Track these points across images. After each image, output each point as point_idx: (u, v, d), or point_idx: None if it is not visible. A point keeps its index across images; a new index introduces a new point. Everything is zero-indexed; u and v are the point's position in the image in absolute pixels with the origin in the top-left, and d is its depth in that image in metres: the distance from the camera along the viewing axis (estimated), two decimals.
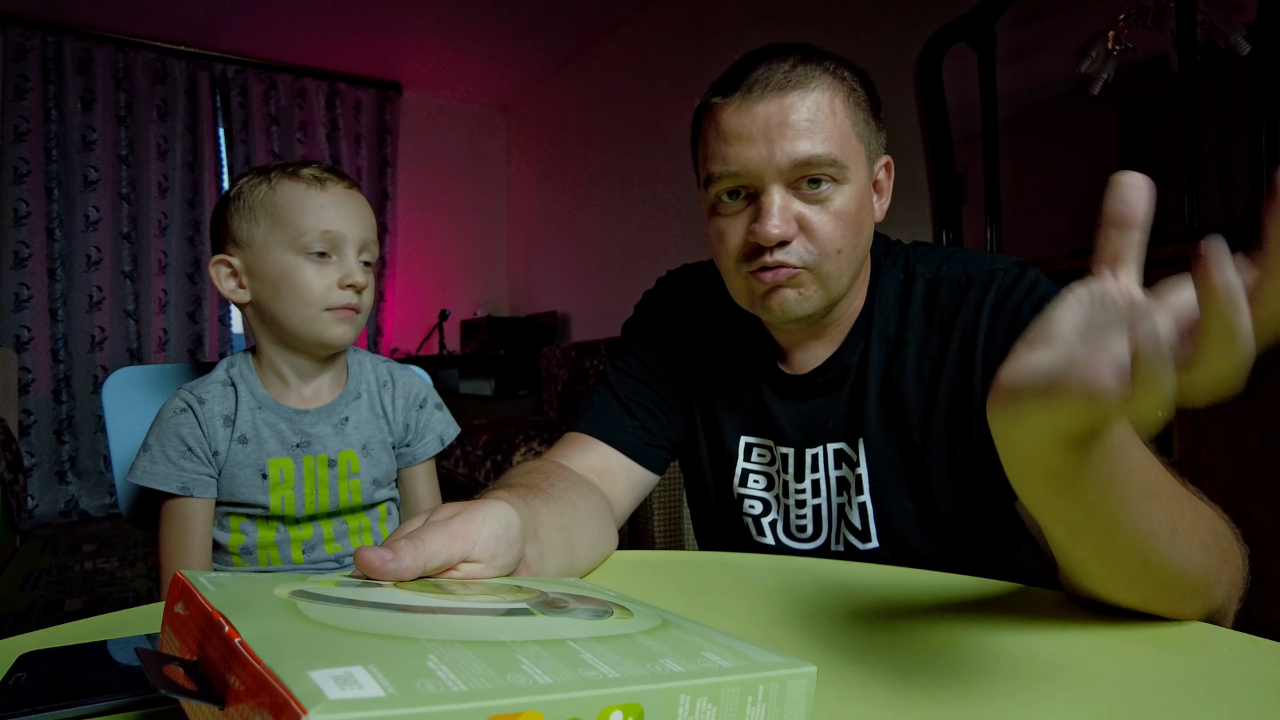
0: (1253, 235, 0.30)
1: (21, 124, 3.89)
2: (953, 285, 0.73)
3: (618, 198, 4.15)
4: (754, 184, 0.68)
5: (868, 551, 0.75)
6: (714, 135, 0.69)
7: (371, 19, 4.01)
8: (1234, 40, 1.81)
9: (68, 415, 4.00)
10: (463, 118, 5.25)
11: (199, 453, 0.86)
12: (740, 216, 0.70)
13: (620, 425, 0.83)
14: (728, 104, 0.68)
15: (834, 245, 0.69)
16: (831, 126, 0.67)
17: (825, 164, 0.66)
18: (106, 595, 2.66)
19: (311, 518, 0.90)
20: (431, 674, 0.26)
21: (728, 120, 0.68)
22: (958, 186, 2.38)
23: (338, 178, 0.89)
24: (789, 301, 0.70)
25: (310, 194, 0.86)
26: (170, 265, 4.28)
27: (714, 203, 0.72)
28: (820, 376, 0.78)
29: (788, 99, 0.66)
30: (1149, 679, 0.39)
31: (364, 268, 0.88)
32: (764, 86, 0.67)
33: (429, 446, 0.99)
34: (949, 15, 2.31)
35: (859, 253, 0.72)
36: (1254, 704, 0.36)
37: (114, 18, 3.92)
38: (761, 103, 0.66)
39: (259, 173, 0.89)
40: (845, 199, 0.68)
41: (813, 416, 0.79)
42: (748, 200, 0.70)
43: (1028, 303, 0.68)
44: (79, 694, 0.39)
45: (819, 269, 0.69)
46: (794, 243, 0.68)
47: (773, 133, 0.66)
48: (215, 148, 4.44)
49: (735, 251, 0.71)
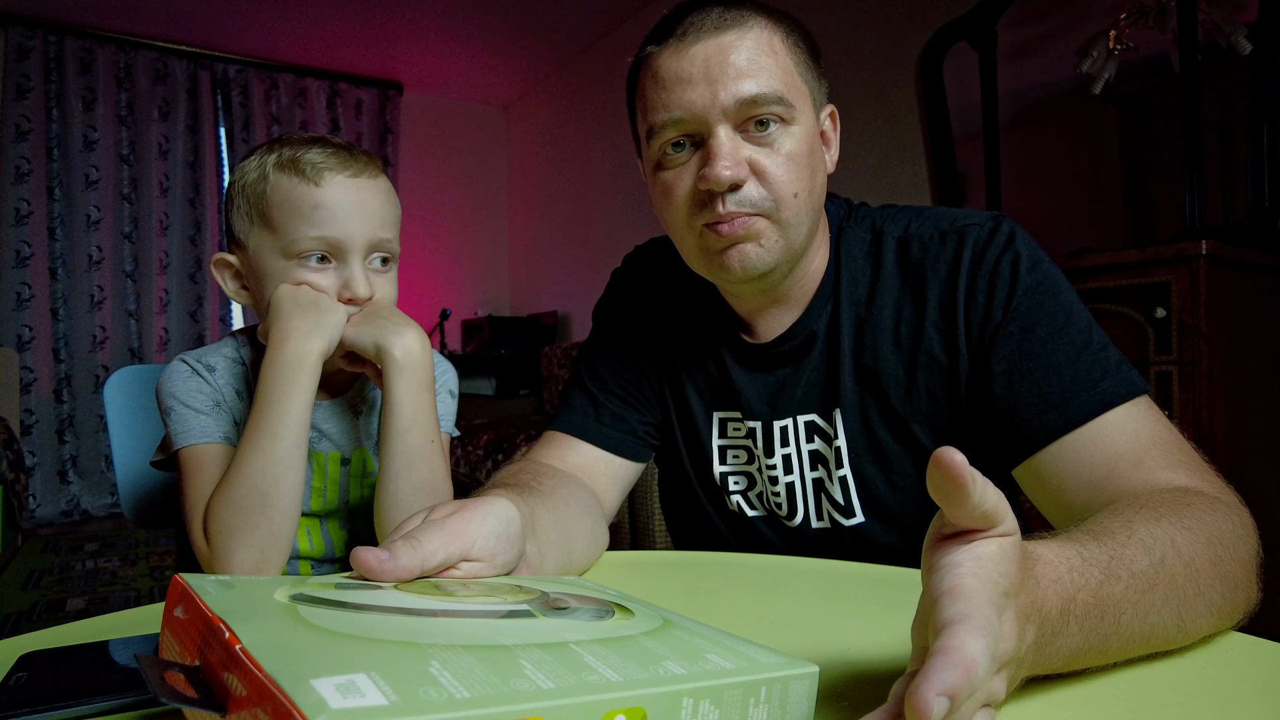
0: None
1: (23, 123, 3.89)
2: (925, 242, 0.69)
3: (618, 197, 4.15)
4: (699, 129, 0.64)
5: (853, 527, 0.72)
6: (652, 85, 0.66)
7: (372, 19, 4.01)
8: (1235, 39, 1.81)
9: (69, 415, 4.01)
10: (463, 117, 5.25)
11: (225, 407, 0.79)
12: (687, 167, 0.66)
13: (593, 419, 0.81)
14: (663, 50, 0.65)
15: (789, 189, 0.64)
16: (773, 64, 0.64)
17: (771, 101, 0.63)
18: (108, 595, 2.66)
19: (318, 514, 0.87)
20: (434, 681, 0.26)
21: (665, 66, 0.65)
22: (959, 186, 2.38)
23: (339, 166, 0.76)
24: (749, 257, 0.65)
25: (303, 192, 0.74)
26: (171, 265, 4.28)
27: (658, 158, 0.68)
28: (785, 344, 0.74)
29: (725, 38, 0.63)
30: (1150, 681, 0.39)
31: (381, 264, 0.79)
32: (699, 29, 0.64)
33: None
34: (950, 15, 2.31)
35: (815, 199, 0.68)
36: (1255, 706, 0.36)
37: (115, 18, 3.92)
38: (699, 44, 0.63)
39: (263, 152, 0.78)
40: (795, 141, 0.65)
41: (780, 387, 0.75)
42: (694, 149, 0.66)
43: (1005, 258, 0.65)
44: (79, 694, 0.39)
45: (777, 215, 0.65)
46: (747, 186, 0.64)
47: (714, 72, 0.62)
48: (216, 147, 4.44)
49: (684, 205, 0.66)
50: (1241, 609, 0.47)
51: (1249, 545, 0.49)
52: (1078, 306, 0.64)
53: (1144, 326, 1.59)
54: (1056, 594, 0.36)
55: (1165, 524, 0.45)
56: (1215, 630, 0.45)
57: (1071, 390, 0.59)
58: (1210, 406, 1.53)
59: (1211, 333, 1.53)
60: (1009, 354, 0.63)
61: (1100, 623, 0.38)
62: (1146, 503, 0.48)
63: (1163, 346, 1.56)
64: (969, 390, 0.67)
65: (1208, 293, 1.52)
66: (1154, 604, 0.40)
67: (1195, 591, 0.42)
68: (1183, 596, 0.42)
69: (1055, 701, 0.37)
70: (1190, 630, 0.43)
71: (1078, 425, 0.58)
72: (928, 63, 2.45)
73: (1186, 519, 0.46)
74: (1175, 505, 0.48)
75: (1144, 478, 0.54)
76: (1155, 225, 2.04)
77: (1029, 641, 0.33)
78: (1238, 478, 0.55)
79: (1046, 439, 0.60)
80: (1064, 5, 2.31)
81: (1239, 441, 1.60)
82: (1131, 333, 1.60)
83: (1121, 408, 0.58)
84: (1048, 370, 0.61)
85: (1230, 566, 0.46)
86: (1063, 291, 0.64)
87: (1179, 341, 1.54)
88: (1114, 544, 0.41)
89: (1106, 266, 1.64)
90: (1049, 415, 0.60)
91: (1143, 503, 0.48)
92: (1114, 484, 0.55)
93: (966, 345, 0.66)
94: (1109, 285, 1.64)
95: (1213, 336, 1.53)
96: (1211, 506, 0.49)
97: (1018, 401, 0.62)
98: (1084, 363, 0.60)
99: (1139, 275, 1.60)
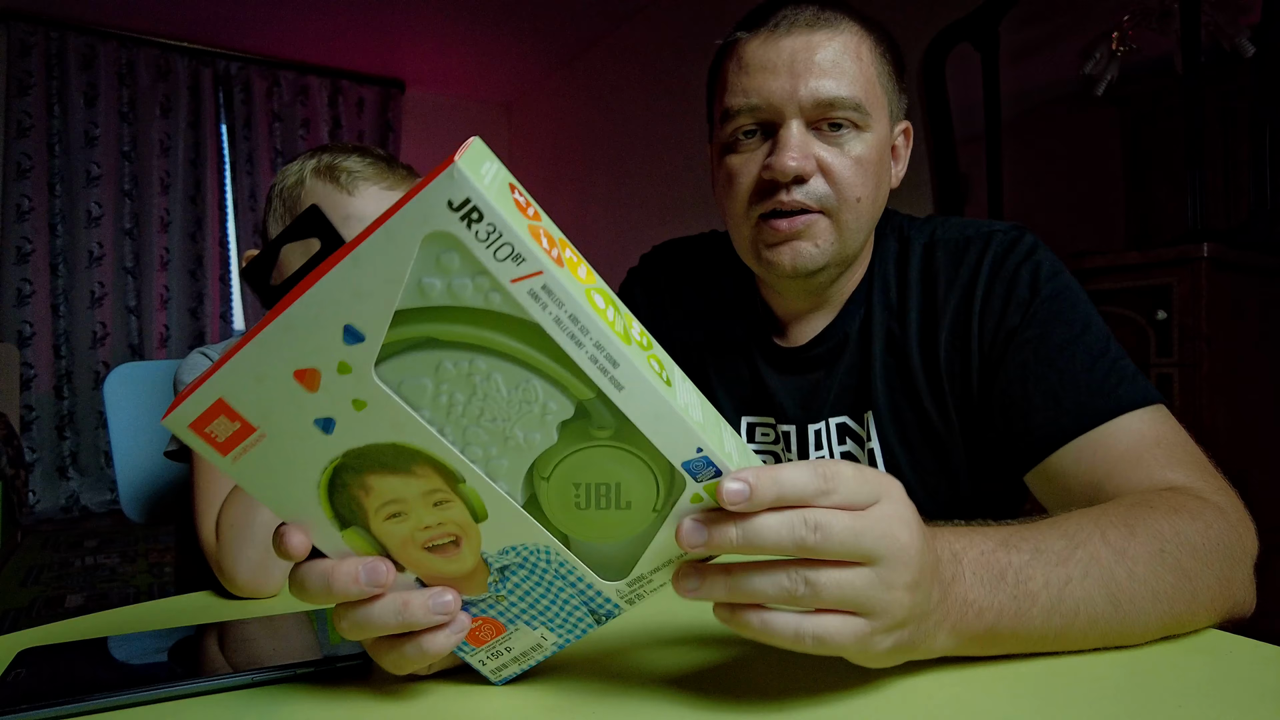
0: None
1: (24, 119, 3.89)
2: (949, 247, 0.70)
3: (618, 196, 4.15)
4: (773, 118, 0.65)
5: None
6: (735, 69, 0.67)
7: (374, 17, 4.01)
8: (1238, 42, 1.80)
9: (69, 411, 4.01)
10: (465, 115, 5.25)
11: None
12: (755, 155, 0.66)
13: None
14: (753, 38, 0.66)
15: (854, 192, 0.65)
16: (857, 70, 0.65)
17: (848, 105, 0.64)
18: (107, 591, 2.66)
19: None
20: None
21: (752, 53, 0.66)
22: (961, 187, 2.38)
23: (376, 177, 0.76)
24: (802, 254, 0.66)
25: (336, 200, 0.74)
26: (172, 261, 4.28)
27: (728, 141, 0.68)
28: (819, 347, 0.74)
29: (815, 36, 0.64)
30: (1150, 682, 0.39)
31: None
32: (791, 23, 0.65)
33: None
34: (952, 16, 2.31)
35: (875, 208, 0.68)
36: (1255, 710, 0.36)
37: (117, 14, 3.92)
38: (789, 37, 0.64)
39: (305, 157, 0.79)
40: (866, 147, 0.65)
41: (813, 390, 0.75)
42: (764, 139, 0.66)
43: (1025, 267, 0.65)
44: (78, 691, 0.39)
45: (838, 215, 0.65)
46: (812, 181, 0.64)
47: (798, 66, 0.63)
48: (218, 144, 4.44)
49: (746, 192, 0.67)
50: (1218, 606, 0.46)
51: (1234, 546, 0.48)
52: (1096, 318, 0.64)
53: (1145, 329, 1.59)
54: (945, 545, 0.39)
55: (1105, 517, 0.46)
56: (1179, 621, 0.44)
57: (1086, 396, 0.59)
58: (1211, 409, 1.53)
59: (1213, 335, 1.53)
60: (1025, 359, 0.63)
61: (1001, 582, 0.39)
62: (1111, 503, 0.48)
63: (1164, 349, 1.56)
64: (981, 393, 0.67)
65: (1209, 295, 1.52)
66: (1072, 577, 0.41)
67: (1128, 575, 0.42)
68: (1112, 576, 0.42)
69: (1054, 702, 0.37)
70: (1135, 614, 0.42)
71: (1089, 429, 0.58)
72: (930, 64, 2.45)
73: (1137, 514, 0.46)
74: (1135, 503, 0.48)
75: (1142, 477, 0.54)
76: (1157, 227, 2.04)
77: (917, 550, 0.34)
78: (1238, 480, 0.55)
79: (1059, 442, 0.60)
80: (1067, 7, 2.30)
81: (1239, 444, 1.60)
82: (1133, 335, 1.60)
83: (1134, 413, 0.58)
84: (1063, 375, 0.61)
85: (1186, 560, 0.45)
86: (1081, 303, 0.64)
87: (1180, 344, 1.54)
88: (1022, 527, 0.43)
89: (1108, 268, 1.64)
90: (1062, 419, 0.60)
91: (1105, 503, 0.48)
92: (1113, 484, 0.55)
93: (979, 348, 0.67)
94: (1110, 287, 1.64)
95: (1214, 339, 1.53)
96: (1186, 505, 0.48)
97: (1031, 405, 0.62)
98: (1100, 369, 0.60)
99: (1140, 277, 1.59)
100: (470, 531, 0.35)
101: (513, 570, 0.37)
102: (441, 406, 0.32)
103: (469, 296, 0.30)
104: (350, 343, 0.30)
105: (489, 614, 0.38)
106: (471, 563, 0.36)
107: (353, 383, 0.31)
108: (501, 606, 0.38)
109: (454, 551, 0.36)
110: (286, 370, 0.31)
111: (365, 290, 0.30)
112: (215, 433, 0.32)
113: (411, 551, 0.36)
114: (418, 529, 0.35)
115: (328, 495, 0.34)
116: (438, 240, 0.29)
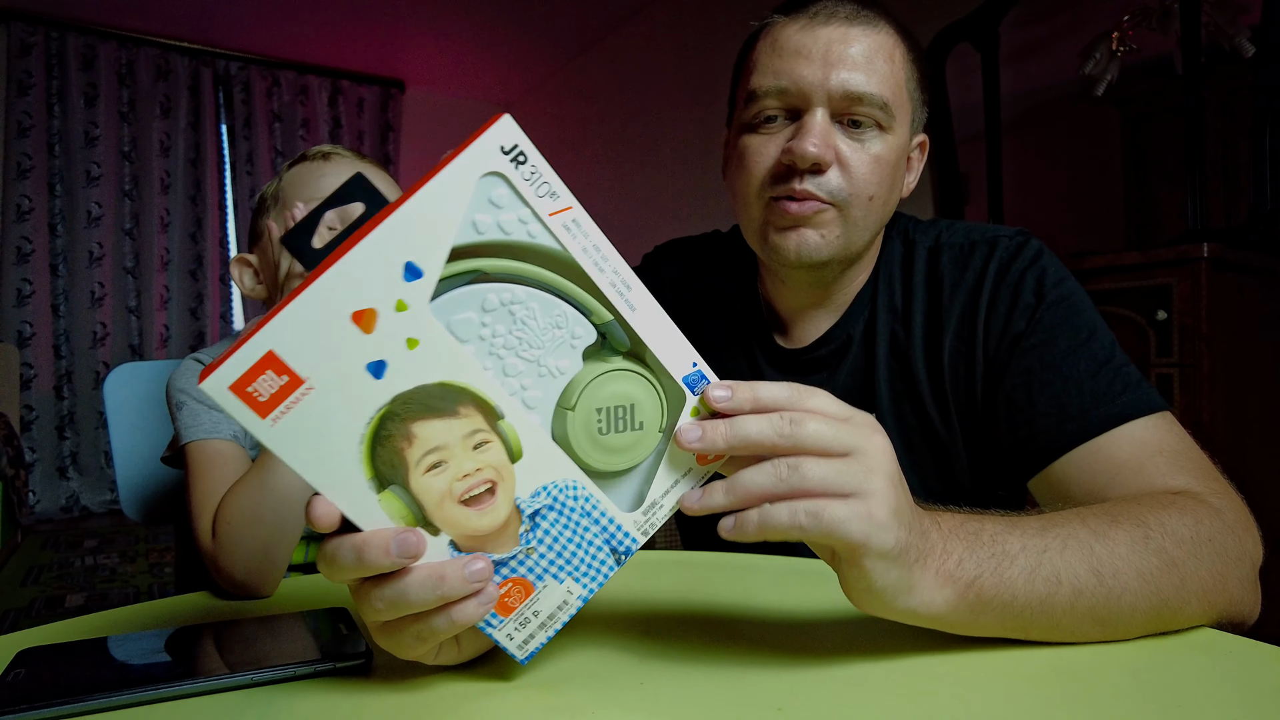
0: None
1: (24, 119, 3.90)
2: (954, 251, 0.70)
3: (619, 195, 4.15)
4: (799, 104, 0.65)
5: None
6: (768, 51, 0.67)
7: (374, 17, 4.01)
8: (1238, 42, 1.80)
9: (69, 411, 4.01)
10: (465, 115, 5.25)
11: None
12: (775, 138, 0.66)
13: None
14: (791, 22, 0.66)
15: (867, 189, 0.65)
16: (888, 71, 0.65)
17: (875, 104, 0.64)
18: (107, 591, 2.66)
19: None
20: None
21: (788, 37, 0.66)
22: (961, 187, 2.37)
23: (345, 153, 0.83)
24: (807, 242, 0.66)
25: (311, 168, 0.80)
26: (172, 261, 4.28)
27: (750, 121, 0.68)
28: (822, 348, 0.74)
29: (853, 30, 0.65)
30: (1150, 684, 0.39)
31: None
32: (830, 14, 0.65)
33: None
34: (952, 15, 2.31)
35: (885, 210, 0.68)
36: (1254, 710, 0.36)
37: (117, 14, 3.92)
38: (827, 27, 0.65)
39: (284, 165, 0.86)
40: (886, 147, 0.66)
41: None
42: (787, 123, 0.66)
43: (1030, 273, 0.65)
44: (78, 691, 0.39)
45: (848, 210, 0.65)
46: (828, 174, 0.64)
47: (832, 57, 0.64)
48: (218, 144, 4.44)
49: (762, 173, 0.67)
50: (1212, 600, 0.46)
51: (1228, 544, 0.47)
52: (1101, 325, 0.64)
53: (1145, 329, 1.59)
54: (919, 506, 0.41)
55: (1087, 509, 0.47)
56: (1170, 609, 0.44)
57: (1090, 402, 0.59)
58: (1211, 409, 1.53)
59: (1212, 335, 1.53)
60: (1029, 365, 0.63)
61: (978, 540, 0.41)
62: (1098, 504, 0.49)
63: (1164, 349, 1.56)
64: (985, 398, 0.67)
65: (1209, 296, 1.52)
66: (1049, 546, 0.42)
67: (1109, 552, 0.43)
68: (1092, 551, 0.43)
69: (1054, 702, 0.37)
70: (1121, 591, 0.42)
71: (1093, 436, 0.58)
72: (930, 63, 2.45)
73: (1121, 506, 0.47)
74: (1122, 499, 0.48)
75: (1144, 485, 0.54)
76: (1157, 228, 2.04)
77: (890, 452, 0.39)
78: (1238, 480, 0.55)
79: (1062, 449, 0.60)
80: (1067, 7, 2.30)
81: (1240, 444, 1.60)
82: (1133, 335, 1.60)
83: (1138, 421, 0.58)
84: (1067, 382, 0.61)
85: (1172, 548, 0.45)
86: (1086, 309, 0.64)
87: (1180, 344, 1.54)
88: (1000, 515, 0.45)
89: (1108, 268, 1.64)
90: (1067, 426, 0.60)
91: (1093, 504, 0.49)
92: (1115, 491, 0.55)
93: (983, 353, 0.66)
94: (1110, 287, 1.64)
95: (1214, 339, 1.53)
96: (1176, 502, 0.48)
97: (1036, 411, 0.62)
98: (1104, 376, 0.60)
99: (1140, 278, 1.59)
100: (506, 474, 0.37)
101: (543, 514, 0.38)
102: (485, 340, 0.36)
103: (514, 229, 0.35)
104: (410, 279, 0.34)
105: (518, 573, 0.39)
106: (505, 512, 0.38)
107: (409, 320, 0.34)
108: (531, 561, 0.39)
109: (489, 502, 0.37)
110: (344, 312, 0.33)
111: (426, 227, 0.33)
112: (258, 391, 0.32)
113: (448, 508, 0.37)
114: (456, 479, 0.36)
115: (370, 451, 0.35)
116: (490, 179, 0.34)
